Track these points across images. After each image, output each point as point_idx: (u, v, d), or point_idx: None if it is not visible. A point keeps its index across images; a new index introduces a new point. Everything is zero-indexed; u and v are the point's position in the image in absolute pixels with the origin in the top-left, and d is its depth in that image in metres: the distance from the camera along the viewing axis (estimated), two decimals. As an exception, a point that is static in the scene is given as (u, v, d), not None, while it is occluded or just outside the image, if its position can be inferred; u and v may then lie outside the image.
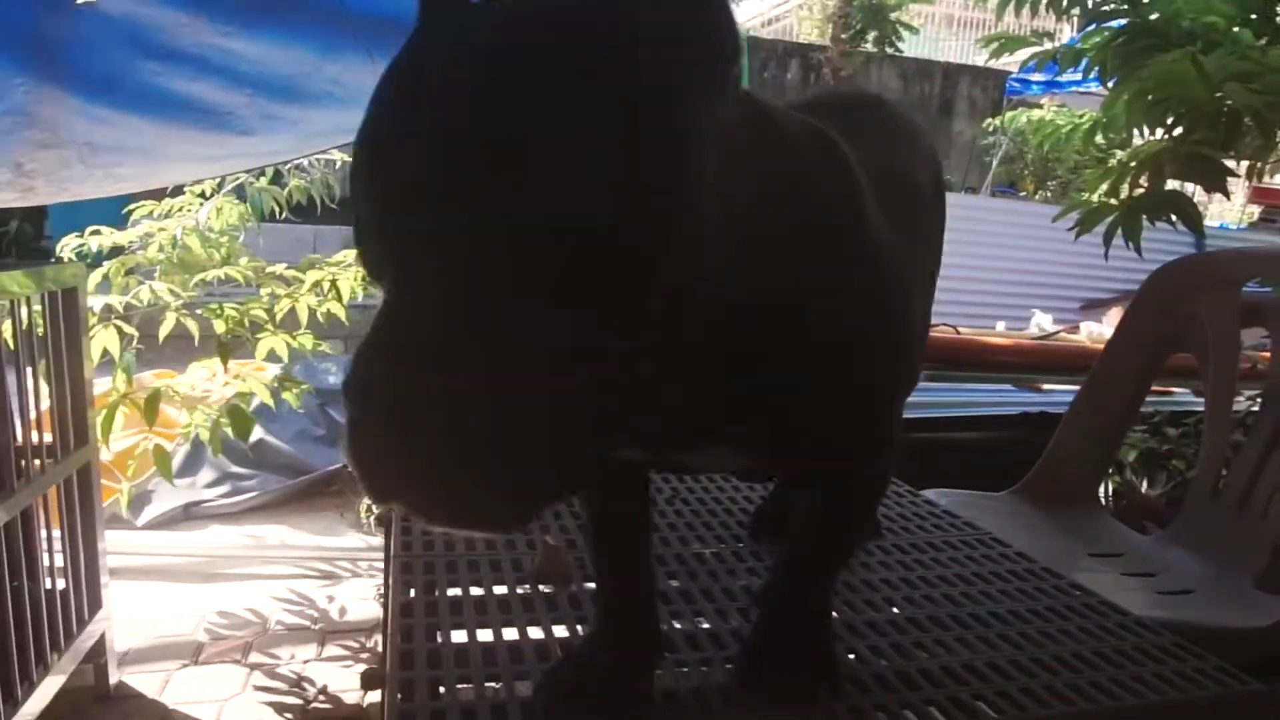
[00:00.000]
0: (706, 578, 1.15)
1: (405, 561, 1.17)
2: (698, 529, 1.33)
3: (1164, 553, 1.70)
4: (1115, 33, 2.08)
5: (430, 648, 0.94)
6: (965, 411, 3.04)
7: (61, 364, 1.90)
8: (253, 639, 2.32)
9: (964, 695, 0.88)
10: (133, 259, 2.55)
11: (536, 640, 0.97)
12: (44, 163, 2.03)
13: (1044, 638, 1.01)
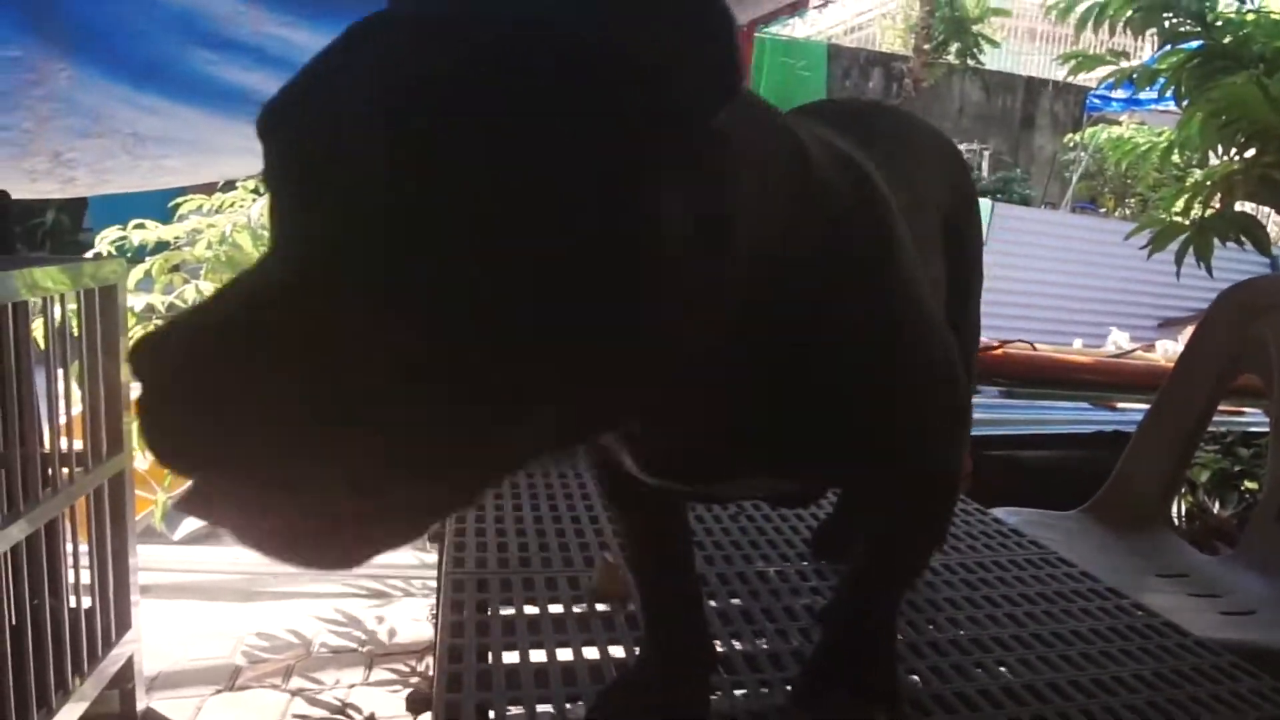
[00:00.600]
0: (768, 597, 1.13)
1: (457, 579, 1.12)
2: (761, 546, 1.30)
3: (1229, 574, 1.71)
4: (1190, 54, 2.16)
5: (480, 669, 0.91)
6: (1041, 429, 3.04)
7: (96, 366, 1.78)
8: (294, 662, 2.18)
9: (1024, 717, 0.87)
10: (177, 255, 2.45)
11: (591, 661, 0.95)
12: (85, 152, 1.93)
13: (1105, 658, 1.01)
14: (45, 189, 2.04)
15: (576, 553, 1.20)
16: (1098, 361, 3.66)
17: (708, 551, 1.24)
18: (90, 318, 1.76)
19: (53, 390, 1.66)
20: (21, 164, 1.89)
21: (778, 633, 1.03)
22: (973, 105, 9.09)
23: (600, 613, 1.05)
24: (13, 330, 1.50)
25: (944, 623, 1.08)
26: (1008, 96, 9.05)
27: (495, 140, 0.41)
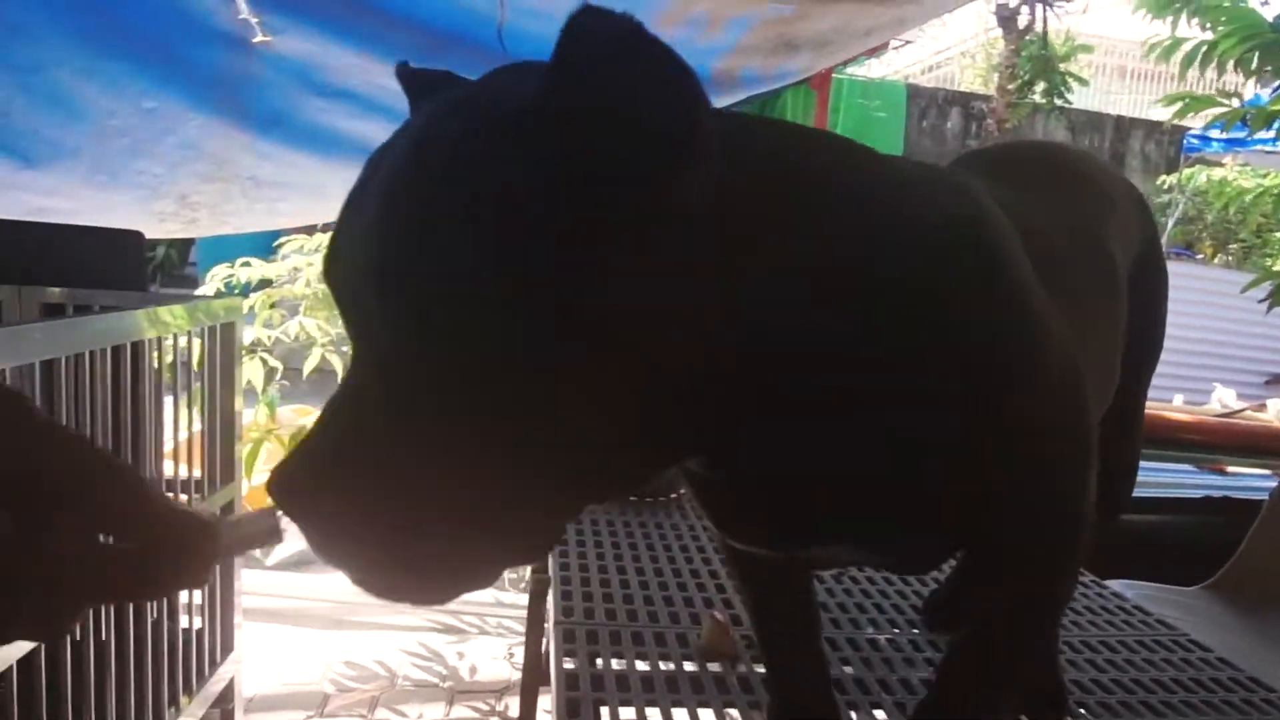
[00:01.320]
0: (882, 666, 1.10)
1: (567, 629, 1.12)
2: (869, 610, 1.26)
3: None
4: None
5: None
6: (1144, 493, 2.86)
7: (214, 398, 1.87)
8: (379, 693, 2.24)
9: None
10: (279, 292, 2.55)
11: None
12: (208, 195, 2.05)
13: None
14: (171, 229, 2.16)
15: (682, 608, 1.20)
16: (1202, 420, 3.45)
17: (812, 614, 1.24)
18: (210, 354, 1.85)
19: (175, 420, 1.75)
20: (152, 206, 2.01)
21: (896, 705, 1.00)
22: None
23: (713, 672, 1.04)
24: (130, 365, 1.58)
25: (1072, 706, 1.03)
26: (1095, 136, 8.85)
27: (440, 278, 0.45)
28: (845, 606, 1.27)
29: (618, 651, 1.08)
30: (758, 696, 1.00)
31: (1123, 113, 9.51)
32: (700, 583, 1.30)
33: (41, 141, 1.80)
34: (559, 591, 1.23)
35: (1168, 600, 1.66)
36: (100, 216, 1.95)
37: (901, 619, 1.24)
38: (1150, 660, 1.16)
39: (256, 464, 2.20)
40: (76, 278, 1.81)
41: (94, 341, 1.43)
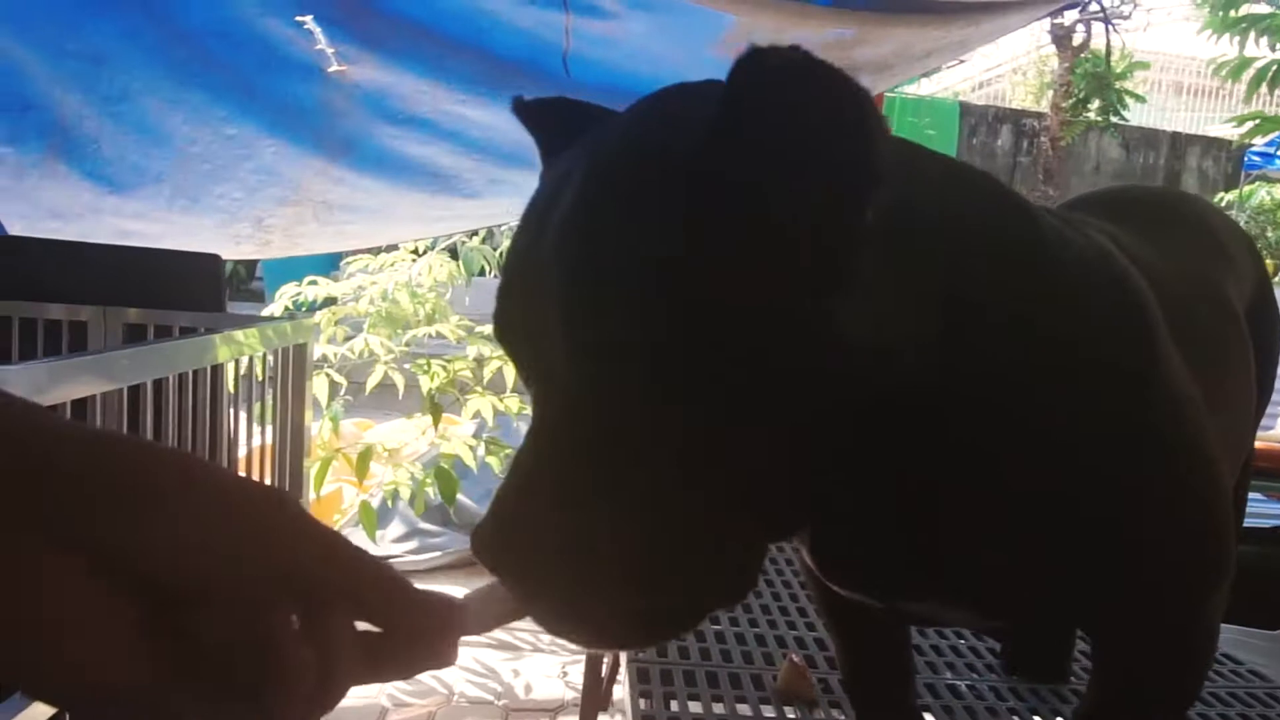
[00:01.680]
0: (964, 714, 1.06)
1: (641, 667, 1.11)
2: (946, 654, 1.23)
3: None
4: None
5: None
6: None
7: (286, 415, 1.92)
8: (436, 709, 2.26)
9: None
10: (343, 310, 2.61)
11: None
12: (282, 218, 2.11)
13: None
14: (246, 251, 2.23)
15: (755, 647, 1.19)
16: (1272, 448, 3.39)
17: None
18: (282, 372, 1.90)
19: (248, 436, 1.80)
20: (229, 229, 2.07)
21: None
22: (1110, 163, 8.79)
23: (789, 717, 1.03)
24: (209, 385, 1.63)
25: None
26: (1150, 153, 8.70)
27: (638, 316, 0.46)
28: (922, 649, 1.24)
29: (693, 692, 1.06)
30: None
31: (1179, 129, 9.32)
32: (775, 623, 1.28)
33: (128, 168, 1.87)
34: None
35: (1256, 646, 1.59)
36: (181, 240, 2.02)
37: (981, 664, 1.21)
38: (1247, 715, 1.12)
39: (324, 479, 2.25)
40: (158, 299, 1.88)
41: (175, 366, 1.48)
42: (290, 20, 1.79)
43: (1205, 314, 0.81)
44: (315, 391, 2.33)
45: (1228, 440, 0.80)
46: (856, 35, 2.44)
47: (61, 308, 1.81)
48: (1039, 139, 7.95)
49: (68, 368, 1.25)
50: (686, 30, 2.18)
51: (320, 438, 2.38)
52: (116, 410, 1.35)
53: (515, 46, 2.09)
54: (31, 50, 1.73)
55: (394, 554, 3.05)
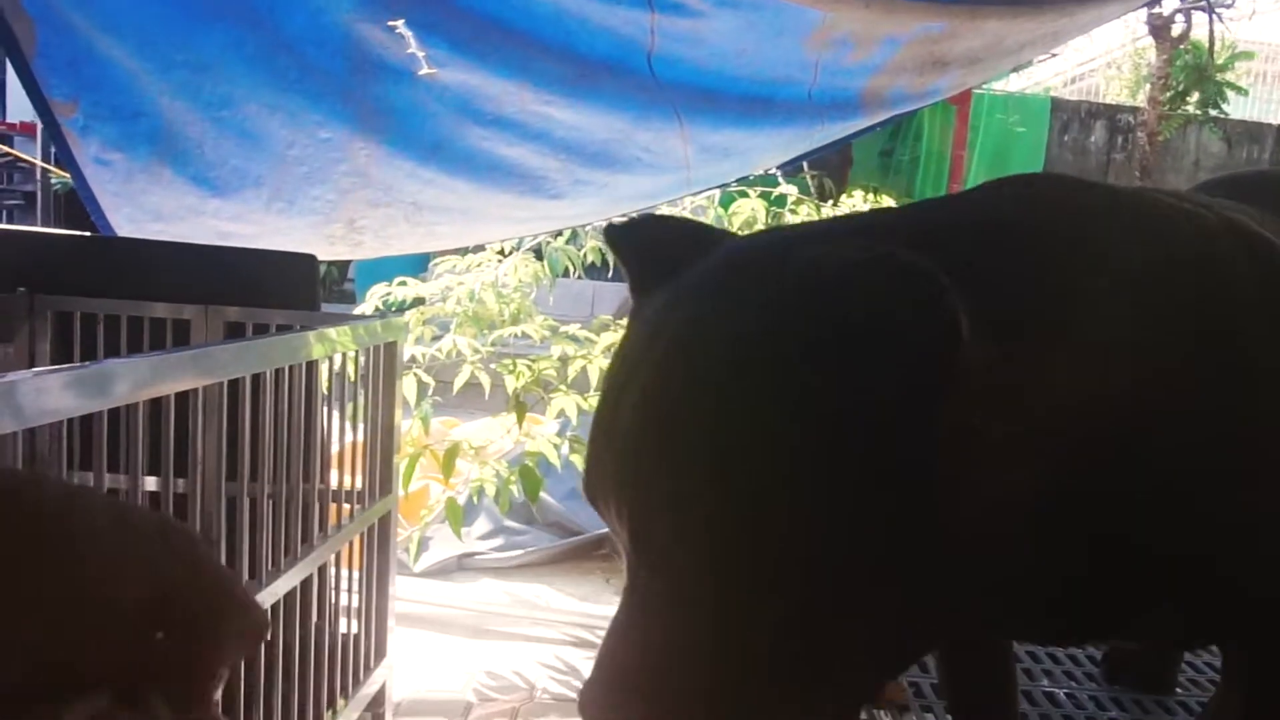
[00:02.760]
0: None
1: None
2: (1043, 661, 1.22)
3: None
4: None
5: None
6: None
7: (376, 413, 1.96)
8: (520, 705, 2.28)
9: None
10: (432, 310, 2.66)
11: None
12: (374, 220, 2.16)
13: None
14: (339, 251, 2.29)
15: None
16: None
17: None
18: (374, 371, 1.95)
19: (341, 433, 1.85)
20: (324, 230, 2.13)
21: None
22: (1211, 158, 8.41)
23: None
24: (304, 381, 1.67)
25: None
26: (1254, 147, 8.30)
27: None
28: (1019, 656, 1.21)
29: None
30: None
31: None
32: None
33: (229, 171, 1.94)
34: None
35: None
36: (277, 240, 2.08)
37: (1080, 672, 1.19)
38: None
39: (413, 476, 2.29)
40: (256, 298, 1.94)
41: (271, 362, 1.53)
42: (383, 25, 1.83)
43: None
44: (404, 391, 2.38)
45: None
46: (946, 29, 2.38)
47: (166, 306, 1.89)
48: (1134, 134, 7.66)
49: (170, 362, 1.29)
50: (773, 27, 2.16)
51: (409, 436, 2.43)
52: (216, 404, 1.39)
53: (601, 46, 2.10)
54: (144, 61, 1.81)
55: (479, 551, 3.10)
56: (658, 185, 2.40)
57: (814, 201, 2.86)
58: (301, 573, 1.64)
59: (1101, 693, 1.14)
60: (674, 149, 2.33)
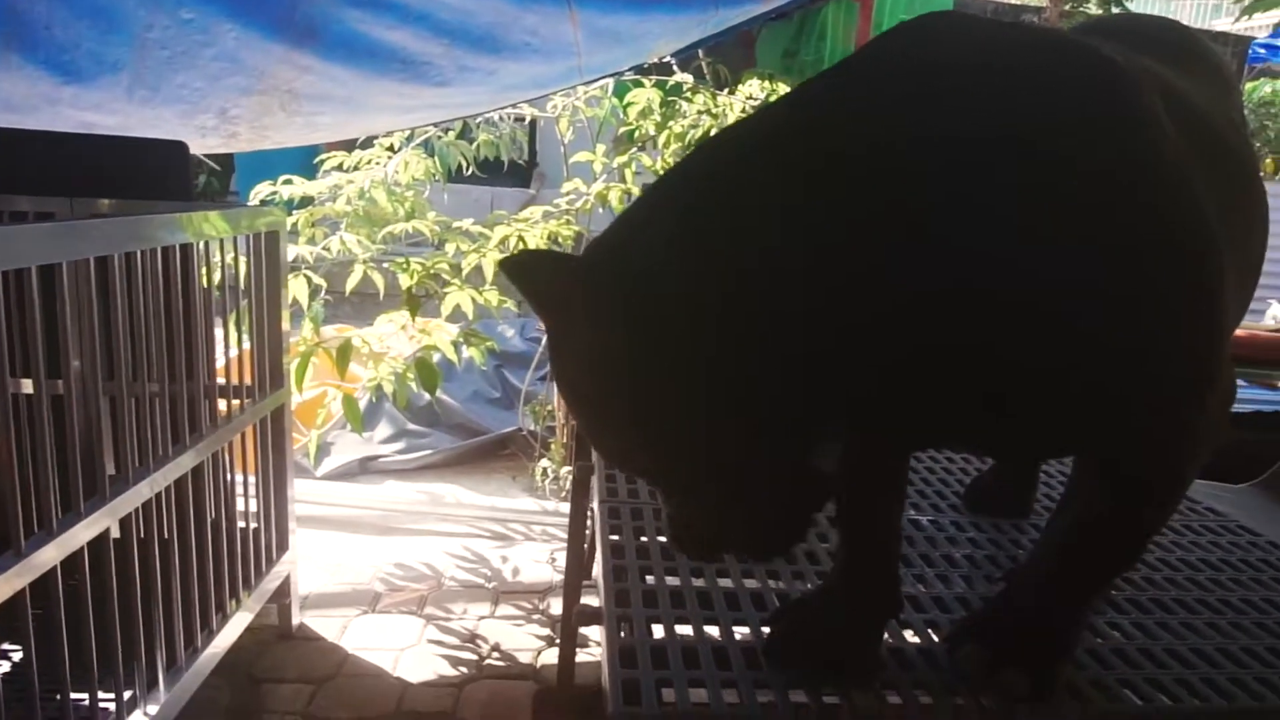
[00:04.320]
0: (925, 544, 1.14)
1: (612, 507, 1.17)
2: (912, 497, 1.30)
3: None
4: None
5: (644, 589, 0.94)
6: None
7: (261, 308, 1.92)
8: (428, 593, 2.32)
9: (1220, 678, 0.83)
10: (321, 210, 2.59)
11: (753, 589, 0.98)
12: (247, 109, 2.07)
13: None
14: (212, 144, 2.19)
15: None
16: (1255, 336, 3.47)
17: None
18: (256, 263, 1.90)
19: (223, 330, 1.81)
20: (193, 121, 2.04)
21: (939, 577, 1.03)
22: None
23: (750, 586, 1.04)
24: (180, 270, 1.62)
25: (1119, 583, 1.04)
26: (1148, 50, 8.52)
27: None
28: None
29: (669, 566, 1.07)
30: (800, 566, 1.03)
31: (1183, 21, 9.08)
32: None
33: (84, 56, 1.83)
34: (603, 475, 1.27)
35: (1216, 495, 1.65)
36: (145, 132, 1.98)
37: (945, 504, 1.26)
38: (1196, 543, 1.18)
39: (305, 377, 2.26)
40: (126, 190, 1.86)
41: (142, 241, 1.47)
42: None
43: (1227, 134, 0.82)
44: (295, 293, 2.33)
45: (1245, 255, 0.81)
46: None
47: (28, 199, 1.80)
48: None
49: (30, 233, 1.24)
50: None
51: (304, 338, 2.39)
52: (85, 280, 1.34)
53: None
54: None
55: (382, 454, 3.09)
56: (548, 73, 2.35)
57: (709, 90, 2.85)
58: (192, 460, 1.62)
59: (963, 519, 1.22)
60: (563, 34, 2.28)
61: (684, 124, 2.66)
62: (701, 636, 0.84)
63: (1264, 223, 0.89)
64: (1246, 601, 0.99)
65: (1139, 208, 0.63)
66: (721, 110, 2.68)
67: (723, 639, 0.84)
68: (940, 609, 0.93)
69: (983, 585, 0.99)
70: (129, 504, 1.44)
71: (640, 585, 0.95)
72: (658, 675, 0.76)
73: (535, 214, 2.64)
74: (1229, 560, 1.12)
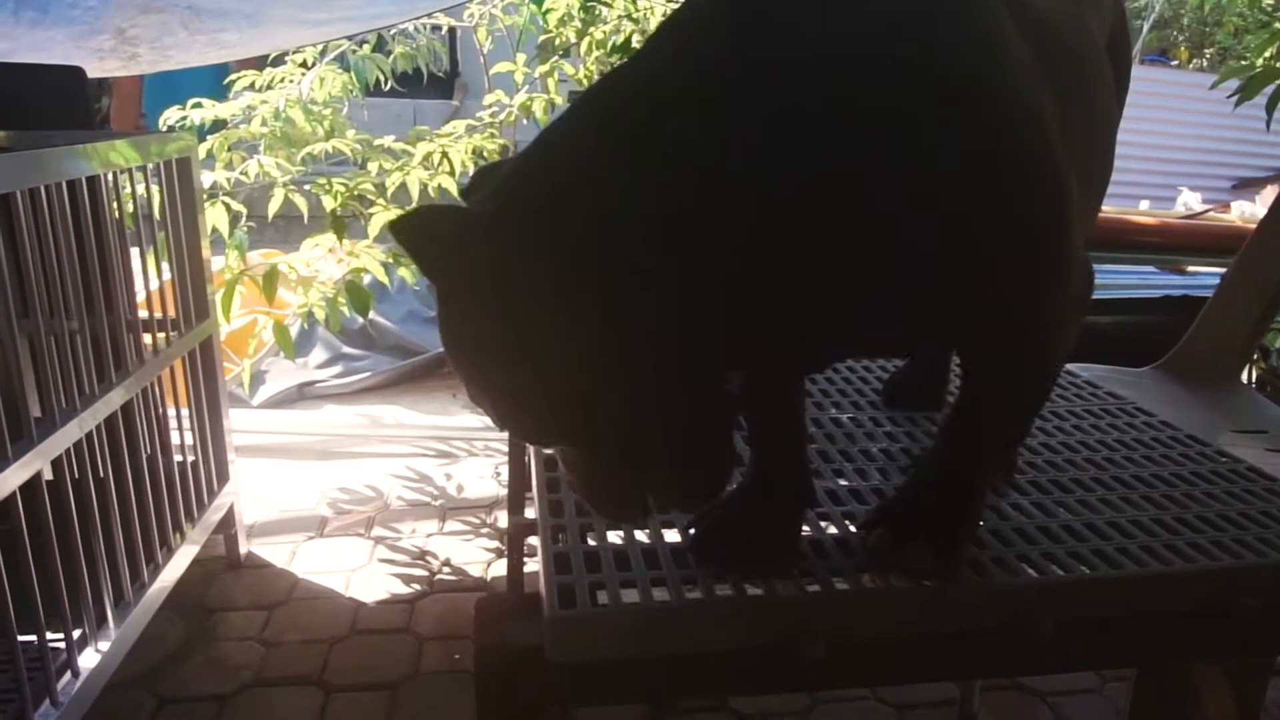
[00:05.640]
0: (844, 440, 1.16)
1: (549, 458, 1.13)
2: (833, 395, 1.33)
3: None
4: None
5: (577, 499, 0.95)
6: (1104, 294, 2.89)
7: (180, 237, 1.87)
8: (375, 514, 2.35)
9: (1109, 549, 0.87)
10: (235, 134, 2.50)
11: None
12: (146, 28, 1.97)
13: (1189, 500, 0.99)
14: (111, 67, 2.09)
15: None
16: (1166, 223, 3.52)
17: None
18: (169, 191, 1.84)
19: (142, 263, 1.76)
20: (89, 43, 1.94)
21: (856, 471, 1.06)
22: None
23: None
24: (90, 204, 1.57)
25: (1021, 465, 1.08)
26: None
27: None
28: (810, 393, 1.32)
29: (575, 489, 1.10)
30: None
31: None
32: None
33: (-41, -26, 1.72)
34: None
35: (1118, 380, 1.70)
36: (37, 55, 1.88)
37: (864, 400, 1.30)
38: (1097, 425, 1.23)
39: (232, 306, 2.22)
40: (20, 120, 1.77)
41: (46, 176, 1.42)
42: None
43: (1069, 39, 0.83)
44: (214, 221, 2.26)
45: (1089, 148, 0.85)
46: None
47: (-88, 134, 1.71)
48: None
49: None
50: None
51: (227, 265, 2.33)
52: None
53: None
54: None
55: (319, 379, 3.08)
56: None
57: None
58: (121, 397, 1.60)
59: (880, 414, 1.27)
60: (472, -62, 2.21)
61: (605, 30, 2.60)
62: (632, 540, 0.87)
63: (1106, 123, 0.94)
64: (1137, 478, 1.04)
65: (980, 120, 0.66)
66: (643, 14, 2.62)
67: (652, 541, 0.87)
68: (857, 501, 0.97)
69: (897, 477, 1.04)
70: (59, 445, 1.42)
71: (573, 495, 0.96)
72: (591, 579, 0.79)
73: (459, 128, 2.58)
74: (1124, 440, 1.18)
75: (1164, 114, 5.95)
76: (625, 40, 2.59)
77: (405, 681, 1.72)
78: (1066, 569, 0.83)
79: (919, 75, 0.64)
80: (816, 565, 0.82)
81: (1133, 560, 0.84)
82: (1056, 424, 1.24)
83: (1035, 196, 0.70)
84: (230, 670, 1.75)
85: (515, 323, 0.61)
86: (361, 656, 1.79)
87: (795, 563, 0.82)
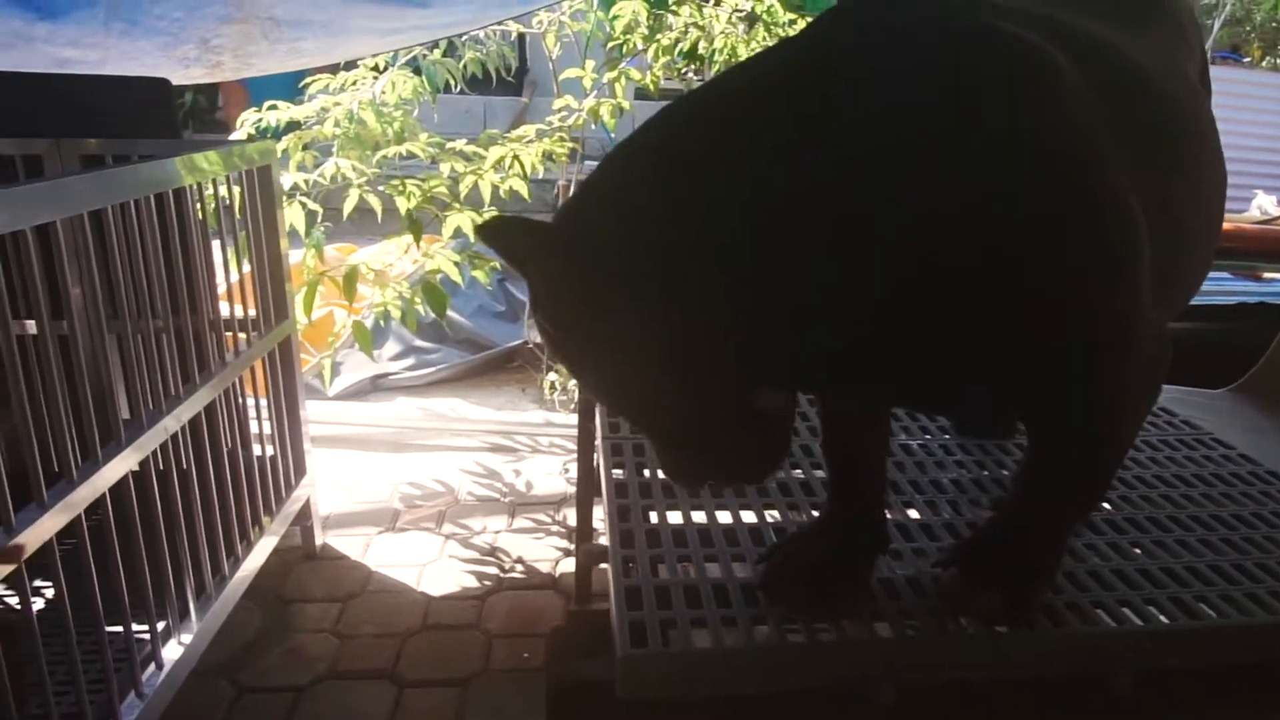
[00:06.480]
0: (914, 469, 1.15)
1: (614, 443, 1.18)
2: (902, 419, 1.31)
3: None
4: None
5: (648, 528, 0.97)
6: None
7: (260, 241, 1.93)
8: (445, 509, 2.40)
9: (1186, 596, 0.85)
10: (309, 134, 2.55)
11: (750, 524, 1.00)
12: (229, 38, 2.03)
13: (1272, 544, 0.97)
14: (195, 75, 2.16)
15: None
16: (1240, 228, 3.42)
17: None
18: (251, 196, 1.90)
19: (225, 264, 1.82)
20: (174, 52, 2.00)
21: (927, 504, 1.05)
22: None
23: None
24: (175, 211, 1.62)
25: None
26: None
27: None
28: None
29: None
30: (795, 499, 1.06)
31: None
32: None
33: (55, -10, 1.79)
34: (604, 410, 1.29)
35: (1194, 403, 1.67)
36: (125, 66, 1.95)
37: (935, 427, 1.28)
38: (1173, 458, 1.20)
39: (314, 304, 2.28)
40: (110, 128, 1.84)
41: (136, 190, 1.48)
42: None
43: (1169, 88, 0.82)
44: (292, 220, 2.33)
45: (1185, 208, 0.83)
46: None
47: (12, 142, 1.79)
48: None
49: (21, 195, 1.24)
50: None
51: (305, 264, 2.40)
52: (81, 238, 1.35)
53: None
54: None
55: (392, 371, 3.14)
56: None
57: (695, 1, 2.76)
58: (205, 398, 1.66)
59: (951, 442, 1.25)
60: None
61: (671, 36, 2.59)
62: (703, 574, 0.88)
63: (1213, 176, 0.94)
64: (1216, 518, 1.01)
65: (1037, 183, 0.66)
66: (708, 21, 2.61)
67: (723, 576, 0.88)
68: (928, 536, 0.96)
69: (968, 510, 1.03)
70: (146, 446, 1.48)
71: (644, 525, 0.98)
72: (662, 615, 0.80)
73: (529, 132, 2.60)
74: (1202, 475, 1.14)
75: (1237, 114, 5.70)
76: (691, 46, 2.58)
77: (476, 678, 1.76)
78: (1144, 617, 0.81)
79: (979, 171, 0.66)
80: (887, 606, 0.82)
81: (1212, 609, 0.82)
82: (1131, 455, 1.20)
83: (1102, 279, 0.69)
84: (306, 661, 1.81)
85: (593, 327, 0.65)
86: (433, 652, 1.84)
87: (866, 603, 0.82)
